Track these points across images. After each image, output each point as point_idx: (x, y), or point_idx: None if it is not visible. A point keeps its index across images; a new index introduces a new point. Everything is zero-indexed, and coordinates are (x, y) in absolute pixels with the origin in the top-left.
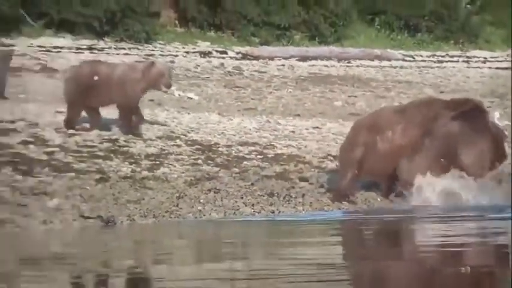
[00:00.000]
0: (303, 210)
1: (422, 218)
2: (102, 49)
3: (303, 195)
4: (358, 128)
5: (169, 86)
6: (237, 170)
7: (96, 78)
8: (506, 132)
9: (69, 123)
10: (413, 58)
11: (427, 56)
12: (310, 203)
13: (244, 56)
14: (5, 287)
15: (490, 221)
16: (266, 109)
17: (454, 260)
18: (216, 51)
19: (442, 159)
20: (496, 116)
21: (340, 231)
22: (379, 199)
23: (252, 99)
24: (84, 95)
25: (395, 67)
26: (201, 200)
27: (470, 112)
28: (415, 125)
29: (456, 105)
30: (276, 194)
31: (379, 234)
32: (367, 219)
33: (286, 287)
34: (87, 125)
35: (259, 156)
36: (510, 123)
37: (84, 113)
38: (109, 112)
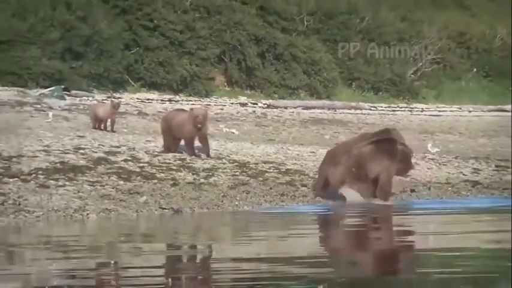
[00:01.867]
0: (303, 204)
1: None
2: (177, 101)
3: (303, 195)
4: (327, 155)
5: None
6: (261, 178)
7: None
8: (412, 153)
9: (166, 149)
10: (376, 108)
11: (385, 107)
12: (307, 200)
13: (268, 106)
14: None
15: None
16: (281, 140)
17: None
18: (251, 103)
19: (353, 169)
20: (429, 145)
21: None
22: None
23: (272, 133)
24: (170, 130)
25: (364, 114)
26: (237, 198)
27: (383, 141)
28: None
29: (374, 136)
30: (286, 194)
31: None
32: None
33: None
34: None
35: (275, 170)
36: (439, 149)
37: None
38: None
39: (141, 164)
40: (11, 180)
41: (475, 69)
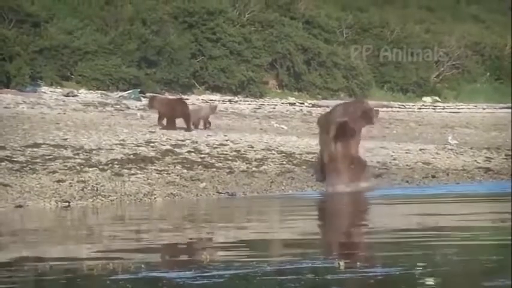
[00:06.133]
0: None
1: None
2: (236, 101)
3: None
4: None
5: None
6: (304, 167)
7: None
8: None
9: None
10: (404, 106)
11: (412, 105)
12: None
13: (313, 105)
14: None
15: None
16: None
17: None
18: (298, 102)
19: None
20: (449, 138)
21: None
22: None
23: (316, 128)
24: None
25: (394, 111)
26: (284, 184)
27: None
28: None
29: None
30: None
31: None
32: None
33: None
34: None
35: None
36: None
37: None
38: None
39: (202, 155)
40: (90, 169)
41: (488, 73)
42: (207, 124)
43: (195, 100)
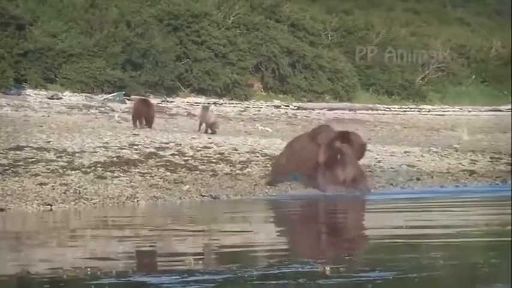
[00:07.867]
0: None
1: None
2: (221, 104)
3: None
4: None
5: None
6: None
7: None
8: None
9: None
10: (390, 109)
11: (398, 108)
12: None
13: (298, 108)
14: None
15: None
16: None
17: None
18: (283, 105)
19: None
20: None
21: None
22: None
23: (301, 131)
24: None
25: (379, 114)
26: (267, 186)
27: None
28: None
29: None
30: None
31: None
32: None
33: None
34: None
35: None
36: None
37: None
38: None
39: (186, 158)
40: (73, 172)
41: (473, 76)
42: (208, 128)
43: (180, 103)
